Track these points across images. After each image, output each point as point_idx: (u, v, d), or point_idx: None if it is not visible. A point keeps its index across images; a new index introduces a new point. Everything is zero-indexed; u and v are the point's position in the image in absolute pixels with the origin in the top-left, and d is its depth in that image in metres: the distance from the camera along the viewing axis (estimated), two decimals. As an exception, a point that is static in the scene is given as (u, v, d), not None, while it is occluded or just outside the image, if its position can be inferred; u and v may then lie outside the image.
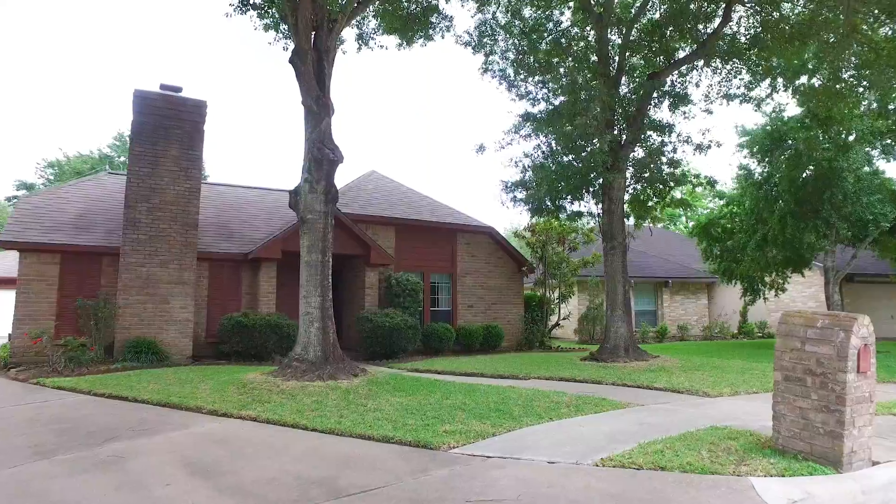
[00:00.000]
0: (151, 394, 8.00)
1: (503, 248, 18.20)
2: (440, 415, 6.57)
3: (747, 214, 17.83)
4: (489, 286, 17.80)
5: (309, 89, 9.18)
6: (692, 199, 45.80)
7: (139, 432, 5.95)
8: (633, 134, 12.33)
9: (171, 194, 12.75)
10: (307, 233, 9.16)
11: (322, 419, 6.46)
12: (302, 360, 8.79)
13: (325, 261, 9.09)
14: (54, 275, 12.04)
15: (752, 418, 6.37)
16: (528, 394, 7.98)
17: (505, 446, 5.41)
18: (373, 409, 6.92)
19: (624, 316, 12.46)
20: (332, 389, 8.00)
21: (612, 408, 7.16)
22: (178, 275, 12.64)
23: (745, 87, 13.31)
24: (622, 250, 12.75)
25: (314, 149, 9.12)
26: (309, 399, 7.49)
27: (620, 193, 12.72)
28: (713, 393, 8.38)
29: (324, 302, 8.99)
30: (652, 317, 23.20)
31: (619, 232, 12.73)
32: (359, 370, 9.10)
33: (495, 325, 16.61)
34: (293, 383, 8.24)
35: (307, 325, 8.95)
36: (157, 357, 11.68)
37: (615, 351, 12.12)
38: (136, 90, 12.70)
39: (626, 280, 12.76)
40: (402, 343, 13.75)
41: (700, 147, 12.95)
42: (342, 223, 14.58)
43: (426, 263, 16.78)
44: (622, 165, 12.36)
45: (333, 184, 9.37)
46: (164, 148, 12.78)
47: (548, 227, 18.30)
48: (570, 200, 13.58)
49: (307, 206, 9.13)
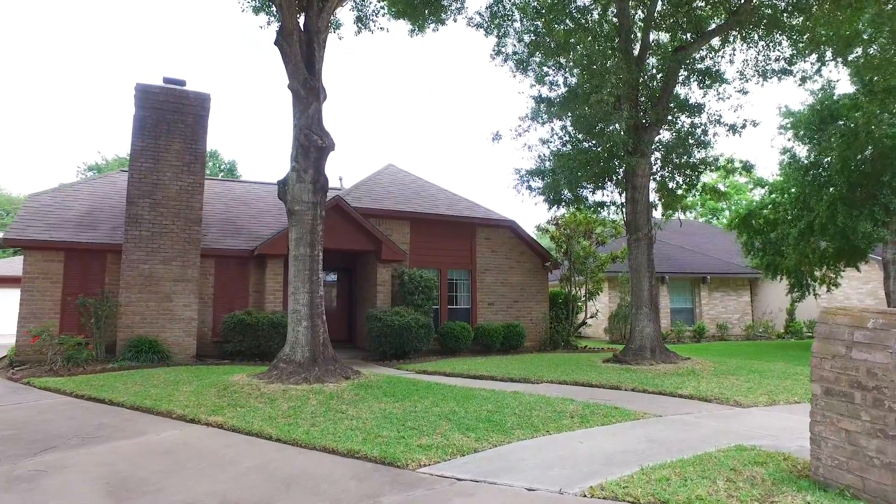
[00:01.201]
0: (129, 396, 7.54)
1: (525, 243, 17.26)
2: (421, 425, 5.81)
3: (792, 203, 16.30)
4: (511, 283, 16.91)
5: (296, 72, 8.57)
6: (734, 191, 43.50)
7: (86, 441, 5.43)
8: (657, 115, 11.18)
9: (173, 190, 12.44)
10: (295, 225, 8.55)
11: (291, 427, 5.81)
12: (289, 361, 8.19)
13: (314, 255, 8.46)
14: (58, 272, 11.89)
15: (789, 436, 5.35)
16: (531, 401, 7.12)
17: (483, 466, 4.60)
18: (350, 417, 6.22)
19: (650, 313, 11.37)
20: (315, 393, 7.35)
21: (624, 419, 6.23)
22: (182, 272, 12.31)
23: (785, 62, 11.92)
24: (648, 242, 11.65)
25: (301, 135, 8.50)
26: (287, 404, 6.86)
27: (645, 180, 11.61)
28: (746, 402, 7.30)
29: (313, 298, 8.36)
30: (689, 315, 21.76)
31: (643, 222, 11.63)
32: (351, 372, 8.43)
33: (516, 325, 15.70)
34: (276, 386, 7.64)
35: (295, 324, 8.34)
36: (157, 356, 11.35)
37: (640, 352, 11.06)
38: (138, 84, 12.44)
39: (653, 274, 11.66)
40: (414, 343, 13.05)
41: (734, 128, 11.68)
42: (351, 218, 14.01)
43: (443, 259, 16.01)
44: (646, 149, 11.26)
45: (323, 173, 8.72)
46: (166, 142, 12.48)
47: (573, 221, 17.25)
48: (592, 189, 12.56)
49: (294, 197, 8.53)
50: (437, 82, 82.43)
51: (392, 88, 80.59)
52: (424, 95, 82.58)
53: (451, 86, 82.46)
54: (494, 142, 12.81)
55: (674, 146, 11.72)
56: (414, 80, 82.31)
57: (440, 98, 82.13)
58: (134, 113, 12.35)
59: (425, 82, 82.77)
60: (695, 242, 25.97)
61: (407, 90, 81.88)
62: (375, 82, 78.45)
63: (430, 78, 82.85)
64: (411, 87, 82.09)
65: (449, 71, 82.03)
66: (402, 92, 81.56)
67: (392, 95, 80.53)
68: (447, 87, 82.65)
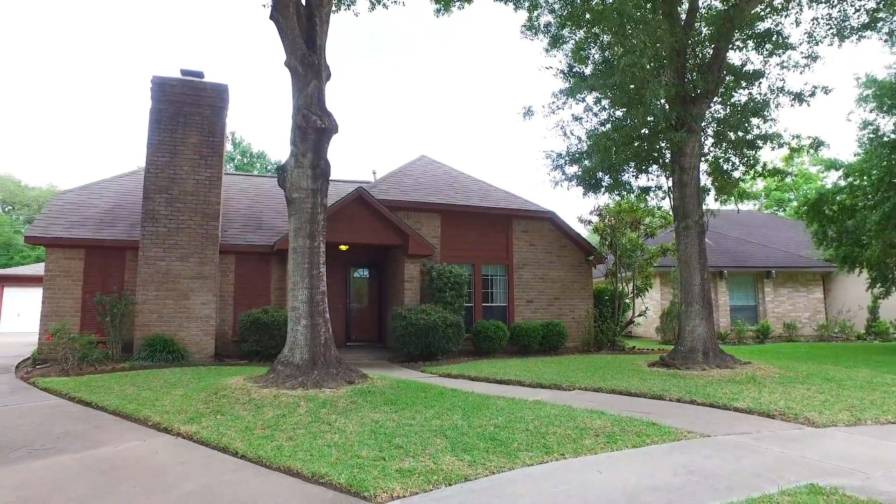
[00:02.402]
0: (117, 400, 7.03)
1: (567, 236, 16.01)
2: (410, 443, 4.89)
3: (874, 185, 14.26)
4: (551, 278, 15.72)
5: (293, 47, 7.84)
6: (802, 180, 39.91)
7: (33, 453, 4.85)
8: (707, 84, 9.71)
9: (190, 184, 12.07)
10: (294, 214, 7.82)
11: (262, 442, 5.03)
12: (286, 363, 7.47)
13: (314, 247, 7.69)
14: (78, 270, 11.76)
15: (885, 472, 4.07)
16: (552, 413, 6.05)
17: (468, 502, 3.63)
18: (335, 430, 5.39)
19: (702, 311, 9.96)
20: (307, 400, 6.57)
21: (661, 439, 5.08)
22: (199, 269, 11.92)
23: (867, 14, 10.10)
24: (698, 231, 10.22)
25: (298, 116, 7.74)
26: (273, 412, 6.11)
27: (694, 160, 10.18)
28: (821, 420, 5.93)
29: (312, 295, 7.60)
30: (751, 313, 19.76)
31: (693, 208, 10.21)
32: (356, 376, 7.61)
33: (557, 323, 14.51)
34: (269, 391, 6.92)
35: (294, 323, 7.62)
36: (173, 356, 10.99)
37: (691, 355, 9.69)
38: (154, 77, 12.14)
39: (705, 266, 10.23)
40: (441, 343, 12.14)
41: (800, 96, 10.04)
42: (376, 210, 13.27)
43: (477, 254, 15.02)
44: (694, 124, 9.82)
45: (324, 157, 7.94)
46: (183, 136, 12.13)
47: (618, 210, 15.85)
48: (635, 173, 11.22)
49: (293, 184, 7.80)
50: (469, 67, 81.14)
51: (421, 77, 79.95)
52: (457, 83, 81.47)
53: (482, 71, 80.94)
54: (526, 118, 11.60)
55: (728, 120, 10.20)
56: (444, 66, 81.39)
57: (473, 85, 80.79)
58: (150, 106, 12.06)
59: (456, 68, 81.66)
60: (757, 235, 23.76)
61: (437, 78, 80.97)
62: (404, 70, 78.01)
63: (461, 63, 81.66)
64: (442, 75, 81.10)
65: (479, 54, 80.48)
66: (432, 80, 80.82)
67: (422, 85, 79.84)
68: (479, 72, 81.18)
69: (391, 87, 75.22)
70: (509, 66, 65.40)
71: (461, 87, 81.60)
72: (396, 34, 73.14)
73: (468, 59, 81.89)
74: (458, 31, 76.34)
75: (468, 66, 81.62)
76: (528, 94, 75.86)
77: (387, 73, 75.44)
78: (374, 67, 73.12)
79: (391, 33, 72.82)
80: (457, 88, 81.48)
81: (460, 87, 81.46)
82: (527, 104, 12.02)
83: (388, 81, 75.18)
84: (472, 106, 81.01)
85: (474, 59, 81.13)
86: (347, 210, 13.10)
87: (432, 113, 78.68)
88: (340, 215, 13.04)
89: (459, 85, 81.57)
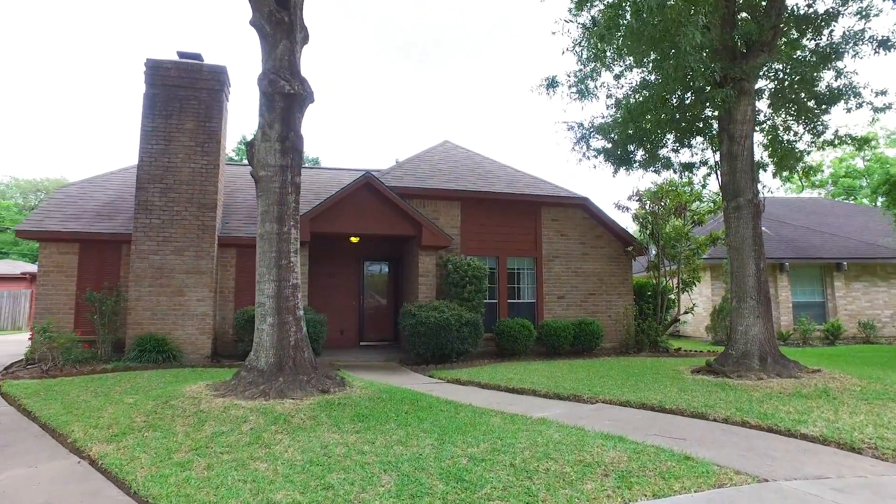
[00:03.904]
0: (59, 409, 6.19)
1: (602, 224, 14.42)
2: (346, 483, 3.67)
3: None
4: (584, 272, 14.18)
5: (259, 3, 6.77)
6: (877, 164, 36.02)
7: None
8: (763, 32, 7.96)
9: (186, 173, 11.30)
10: (261, 195, 6.75)
11: (172, 471, 3.98)
12: (251, 368, 6.41)
13: (282, 232, 6.60)
14: (73, 265, 11.19)
15: None
16: (555, 439, 4.70)
17: None
18: (268, 457, 4.25)
19: (758, 307, 8.25)
20: (261, 414, 5.47)
21: (695, 483, 3.66)
22: (195, 263, 11.13)
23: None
24: (752, 212, 8.50)
25: (264, 81, 6.66)
26: (211, 429, 5.04)
27: (746, 128, 8.44)
28: (927, 455, 4.32)
29: (281, 289, 6.51)
30: (818, 310, 17.45)
31: (745, 185, 8.49)
32: (332, 384, 6.46)
33: (591, 322, 12.98)
34: (222, 402, 5.87)
35: (260, 321, 6.55)
36: (164, 356, 10.22)
37: (743, 360, 8.03)
38: (148, 59, 11.43)
39: (761, 254, 8.50)
40: (455, 344, 10.88)
41: (886, 43, 8.14)
42: (385, 198, 12.15)
43: (502, 245, 13.66)
44: (746, 83, 8.11)
45: (294, 129, 6.81)
46: (178, 122, 11.37)
47: (660, 194, 14.12)
48: (675, 146, 9.59)
49: (259, 161, 6.73)
50: (505, 62, 78.96)
51: (460, 71, 78.23)
52: (495, 78, 79.39)
53: (497, 41, 78.48)
54: (549, 91, 10.08)
55: (790, 75, 8.39)
56: (482, 62, 79.44)
57: (510, 80, 78.56)
58: (144, 91, 11.36)
59: (492, 64, 79.60)
60: (823, 223, 21.21)
61: (475, 74, 79.07)
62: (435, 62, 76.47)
63: (496, 58, 79.61)
64: (478, 72, 79.11)
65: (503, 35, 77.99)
66: (469, 74, 79.06)
67: (458, 78, 78.09)
68: (494, 42, 78.69)
69: (419, 78, 74.04)
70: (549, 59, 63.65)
71: (499, 82, 79.74)
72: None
73: (503, 52, 79.93)
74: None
75: (506, 62, 79.64)
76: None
77: (415, 66, 74.41)
78: (404, 59, 72.31)
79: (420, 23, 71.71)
80: (495, 84, 79.66)
81: (498, 82, 79.61)
82: (549, 75, 10.49)
83: (416, 74, 74.10)
84: (510, 100, 78.98)
85: (509, 51, 79.09)
86: (354, 198, 12.04)
87: (467, 105, 77.06)
88: (346, 203, 12.00)
89: (498, 81, 79.72)
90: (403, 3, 64.63)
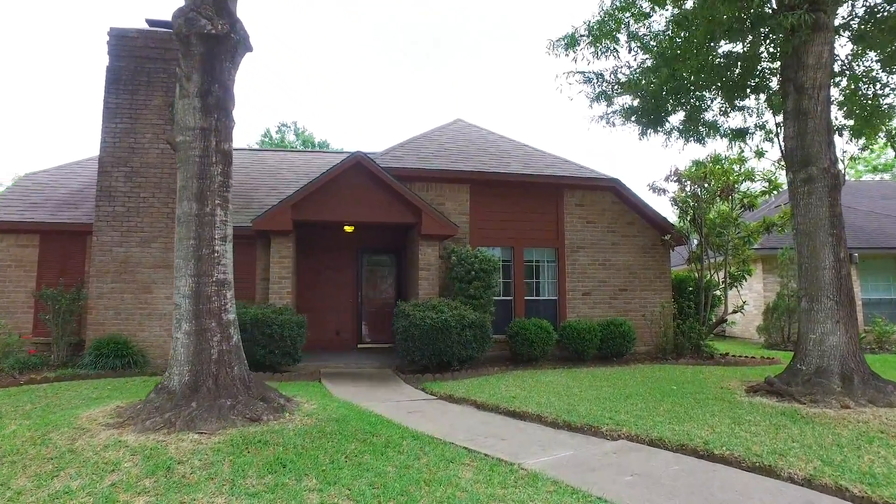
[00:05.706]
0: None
1: (635, 209, 12.51)
2: None
3: None
4: (614, 265, 12.34)
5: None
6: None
7: None
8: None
9: (154, 154, 10.03)
10: (180, 167, 5.28)
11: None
12: (161, 389, 4.96)
13: (203, 213, 5.11)
14: (32, 259, 10.10)
15: None
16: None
17: None
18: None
19: (837, 310, 6.29)
20: (142, 459, 3.99)
21: None
22: (163, 256, 9.86)
23: None
24: (829, 185, 6.51)
25: (179, 19, 5.16)
26: (57, 485, 3.59)
27: (821, 75, 6.46)
28: None
29: (200, 286, 5.03)
30: (894, 308, 15.01)
31: (819, 151, 6.51)
32: (265, 409, 4.94)
33: (621, 322, 11.14)
34: (106, 437, 4.44)
35: (175, 328, 5.09)
36: (123, 362, 9.00)
37: (819, 379, 6.11)
38: (112, 28, 10.20)
39: (841, 241, 6.53)
40: (457, 349, 9.25)
41: None
42: (379, 180, 10.59)
43: (518, 235, 11.94)
44: (824, 14, 6.15)
45: (221, 81, 5.29)
46: (145, 97, 10.12)
47: (702, 173, 12.07)
48: (723, 106, 7.66)
49: (178, 123, 5.25)
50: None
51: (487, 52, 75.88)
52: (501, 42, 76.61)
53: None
54: (567, 52, 8.25)
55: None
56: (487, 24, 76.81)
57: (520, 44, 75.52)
58: (108, 64, 10.13)
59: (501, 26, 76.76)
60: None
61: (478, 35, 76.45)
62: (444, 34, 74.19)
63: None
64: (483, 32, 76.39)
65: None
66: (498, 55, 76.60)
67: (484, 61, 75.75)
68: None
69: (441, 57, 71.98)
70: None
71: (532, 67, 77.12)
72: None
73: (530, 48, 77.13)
74: (528, 7, 71.95)
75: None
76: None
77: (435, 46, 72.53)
78: (423, 50, 70.53)
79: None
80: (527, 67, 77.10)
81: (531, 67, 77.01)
82: (566, 31, 8.66)
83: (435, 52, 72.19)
84: (510, 100, 76.31)
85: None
86: (344, 180, 10.52)
87: (466, 105, 74.69)
88: (335, 187, 10.50)
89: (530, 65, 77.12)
90: (403, 4, 62.79)
